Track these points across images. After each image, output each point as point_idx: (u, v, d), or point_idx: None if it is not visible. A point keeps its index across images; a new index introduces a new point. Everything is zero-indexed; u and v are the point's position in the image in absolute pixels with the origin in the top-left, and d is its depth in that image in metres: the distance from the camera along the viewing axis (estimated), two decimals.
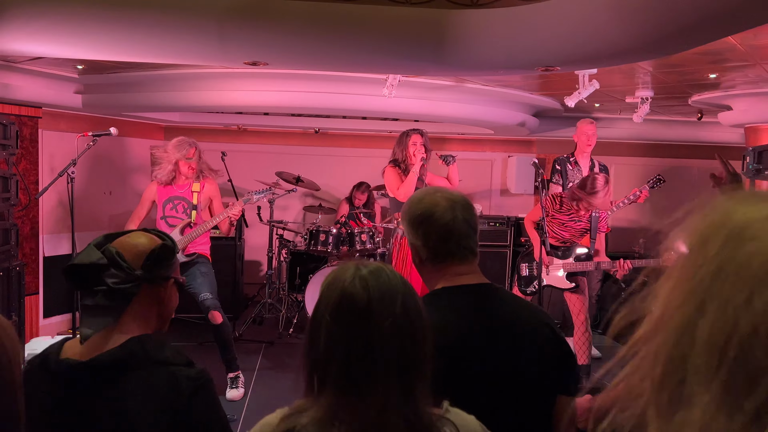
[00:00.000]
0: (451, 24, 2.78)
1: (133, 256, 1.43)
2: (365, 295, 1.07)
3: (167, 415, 1.32)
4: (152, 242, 1.48)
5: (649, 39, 2.59)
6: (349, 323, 1.06)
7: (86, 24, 2.87)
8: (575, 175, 4.87)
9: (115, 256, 1.40)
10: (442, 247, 1.51)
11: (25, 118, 5.05)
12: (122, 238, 1.47)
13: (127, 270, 1.40)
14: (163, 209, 4.22)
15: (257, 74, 4.77)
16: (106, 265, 1.39)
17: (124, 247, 1.43)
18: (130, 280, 1.41)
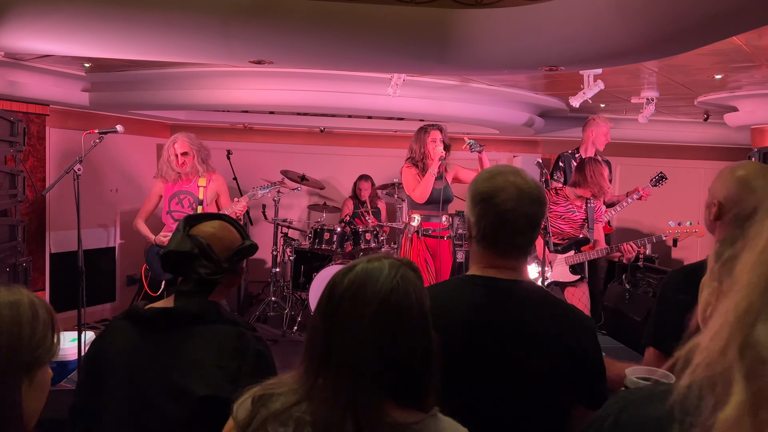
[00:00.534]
0: (455, 23, 2.79)
1: (223, 248, 1.60)
2: (344, 288, 1.09)
3: (233, 364, 1.46)
4: (234, 237, 1.64)
5: (653, 39, 2.59)
6: (321, 308, 1.11)
7: (93, 22, 2.90)
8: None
9: (207, 248, 1.56)
10: (491, 233, 1.42)
11: (32, 116, 5.09)
12: (207, 229, 1.61)
13: (217, 262, 1.57)
14: (169, 204, 4.26)
15: (263, 73, 4.78)
16: (197, 255, 1.55)
17: (213, 239, 1.58)
18: (220, 272, 1.58)
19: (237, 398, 1.14)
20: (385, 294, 1.06)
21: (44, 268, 5.31)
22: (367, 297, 1.06)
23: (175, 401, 1.44)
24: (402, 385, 1.06)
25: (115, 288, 6.23)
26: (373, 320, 1.05)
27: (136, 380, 1.49)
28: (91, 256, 5.72)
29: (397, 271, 1.09)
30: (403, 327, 1.07)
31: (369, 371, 1.04)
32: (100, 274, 6.01)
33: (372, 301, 1.06)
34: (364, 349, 1.04)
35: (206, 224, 1.64)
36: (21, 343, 1.09)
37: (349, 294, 1.07)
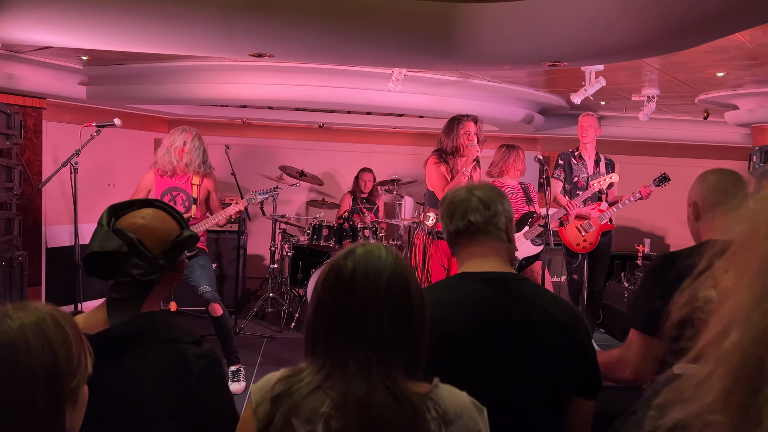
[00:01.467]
0: (458, 17, 2.76)
1: (156, 243, 1.37)
2: (352, 267, 1.13)
3: (175, 392, 1.30)
4: (170, 227, 1.42)
5: (658, 34, 2.57)
6: (333, 292, 1.13)
7: (92, 13, 2.86)
8: (580, 170, 4.82)
9: (138, 244, 1.34)
10: (450, 223, 1.56)
11: (29, 109, 5.04)
12: (136, 221, 1.39)
13: (151, 260, 1.35)
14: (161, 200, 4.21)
15: (261, 67, 4.75)
16: (127, 253, 1.33)
17: (143, 232, 1.36)
18: (155, 270, 1.36)
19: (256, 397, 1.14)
20: (391, 267, 1.14)
21: (40, 262, 5.27)
22: (378, 272, 1.13)
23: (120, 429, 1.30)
24: (410, 356, 1.13)
25: None
26: (388, 293, 1.12)
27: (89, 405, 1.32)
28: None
29: (386, 248, 1.18)
30: (411, 297, 1.15)
31: (392, 344, 1.10)
32: None
33: (382, 275, 1.12)
34: (385, 323, 1.10)
35: (135, 214, 1.40)
36: (59, 369, 0.98)
37: (359, 273, 1.13)
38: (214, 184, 4.28)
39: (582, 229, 4.74)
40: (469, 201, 1.54)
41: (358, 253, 1.16)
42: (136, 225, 1.37)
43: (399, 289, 1.13)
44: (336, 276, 1.15)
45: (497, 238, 1.53)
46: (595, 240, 4.72)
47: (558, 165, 4.82)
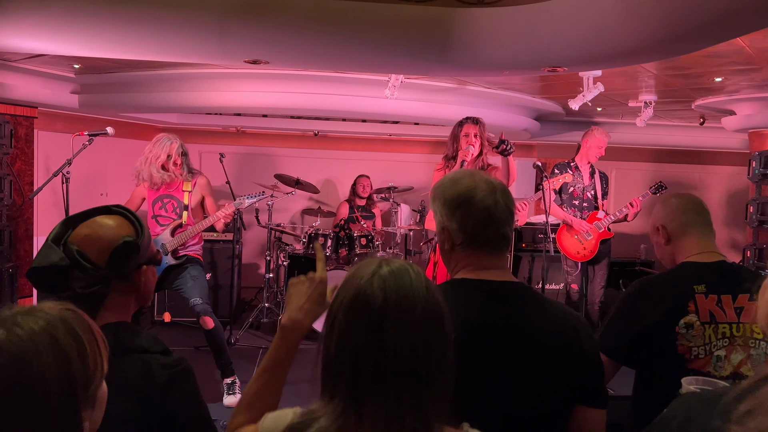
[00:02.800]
0: (456, 23, 2.72)
1: (98, 252, 1.29)
2: (381, 295, 0.98)
3: (139, 405, 1.22)
4: (116, 232, 1.33)
5: (658, 39, 2.54)
6: (362, 327, 0.98)
7: (84, 20, 2.81)
8: (576, 180, 4.82)
9: (77, 256, 1.27)
10: (480, 233, 1.40)
11: (20, 118, 4.97)
12: (82, 230, 1.32)
13: (91, 271, 1.27)
14: (153, 208, 4.13)
15: (256, 75, 4.71)
16: (68, 266, 1.26)
17: (86, 242, 1.30)
18: (98, 282, 1.28)
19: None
20: (425, 293, 1.01)
21: None
22: (413, 300, 0.99)
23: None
24: (444, 396, 1.00)
25: None
26: (425, 326, 0.98)
27: None
28: None
29: (413, 268, 1.04)
30: (446, 326, 1.02)
31: (428, 385, 0.97)
32: None
33: (417, 304, 0.99)
34: (422, 361, 0.97)
35: (86, 224, 1.35)
36: (74, 379, 0.91)
37: (391, 303, 0.98)
38: (208, 187, 4.20)
39: (581, 238, 4.73)
40: (500, 208, 1.40)
41: (383, 275, 1.01)
42: (80, 235, 1.31)
43: (434, 317, 1.00)
44: (364, 307, 0.99)
45: (507, 252, 1.46)
46: (594, 248, 4.70)
47: (554, 174, 4.80)
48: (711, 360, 1.74)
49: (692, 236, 1.90)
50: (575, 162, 4.87)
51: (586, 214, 4.77)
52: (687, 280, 1.82)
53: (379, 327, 0.97)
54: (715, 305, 1.77)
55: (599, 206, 4.80)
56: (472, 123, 3.87)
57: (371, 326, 0.98)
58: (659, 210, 1.99)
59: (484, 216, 1.40)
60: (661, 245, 1.97)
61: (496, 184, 1.43)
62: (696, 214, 1.92)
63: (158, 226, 4.13)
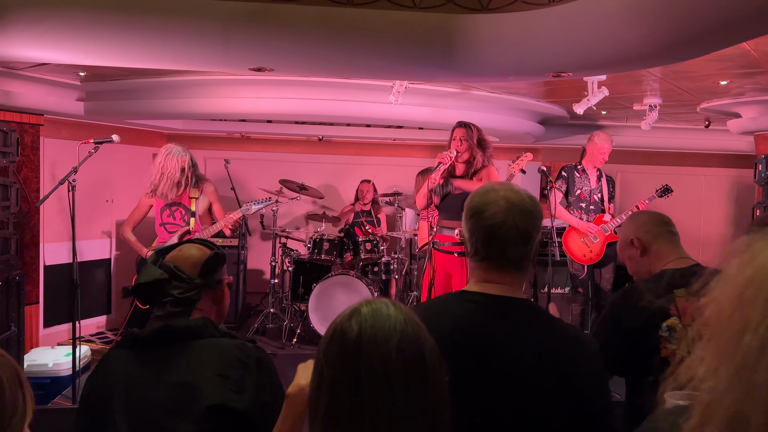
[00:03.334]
0: (460, 29, 2.72)
1: (190, 266, 1.61)
2: (357, 330, 1.01)
3: (236, 374, 1.45)
4: (203, 252, 1.65)
5: (663, 44, 2.53)
6: (336, 361, 1.01)
7: (89, 29, 2.82)
8: (583, 183, 4.83)
9: (174, 269, 1.58)
10: (482, 248, 1.41)
11: (26, 126, 5.00)
12: (174, 253, 1.64)
13: (187, 280, 1.58)
14: (161, 215, 4.18)
15: (260, 81, 4.72)
16: (167, 279, 1.57)
17: (180, 260, 1.61)
18: (192, 288, 1.58)
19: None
20: (401, 326, 1.02)
21: (38, 280, 5.20)
22: (387, 334, 1.00)
23: (181, 416, 1.42)
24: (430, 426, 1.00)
25: (111, 300, 6.12)
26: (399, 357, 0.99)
27: (139, 404, 1.46)
28: (86, 268, 5.62)
29: (395, 305, 1.06)
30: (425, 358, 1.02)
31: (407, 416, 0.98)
32: (95, 286, 5.91)
33: (392, 337, 1.00)
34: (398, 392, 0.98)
35: (175, 250, 1.66)
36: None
37: (366, 336, 1.00)
38: (215, 194, 4.25)
39: (587, 241, 4.73)
40: (507, 228, 1.37)
41: (363, 312, 1.03)
42: (173, 256, 1.63)
43: (411, 351, 1.01)
44: (339, 341, 1.01)
45: (522, 270, 1.41)
46: (600, 251, 4.69)
47: (561, 176, 4.81)
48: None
49: (666, 245, 2.01)
50: (582, 165, 4.87)
51: (593, 216, 4.78)
52: (667, 285, 1.86)
53: (353, 359, 0.99)
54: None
55: (605, 209, 4.80)
56: (460, 126, 3.97)
57: (346, 359, 1.00)
58: (630, 225, 2.11)
59: (487, 233, 1.39)
60: (635, 258, 2.06)
61: (517, 203, 1.39)
62: (665, 224, 2.05)
63: (167, 234, 4.16)
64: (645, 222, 2.06)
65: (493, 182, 1.51)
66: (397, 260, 5.75)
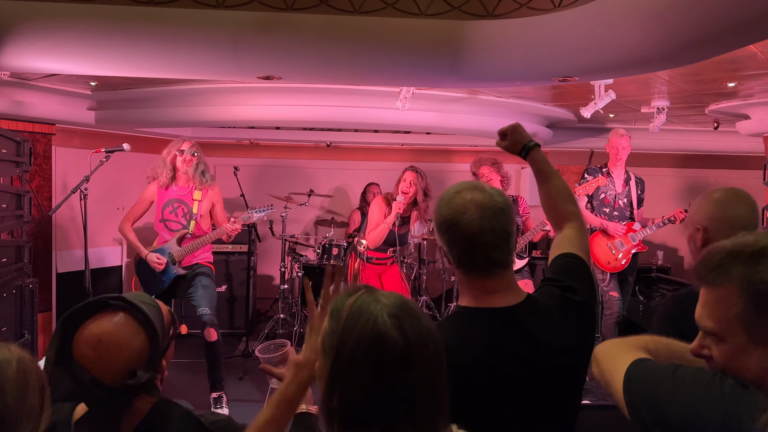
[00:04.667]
0: (466, 35, 2.74)
1: (115, 376, 1.17)
2: (403, 338, 0.99)
3: None
4: (130, 351, 1.20)
5: (670, 48, 2.54)
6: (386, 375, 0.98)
7: (99, 40, 2.86)
8: (608, 187, 4.71)
9: (91, 386, 1.16)
10: (465, 258, 1.38)
11: (38, 135, 5.06)
12: (88, 351, 1.18)
13: (110, 397, 1.17)
14: (162, 212, 4.12)
15: (269, 89, 4.75)
16: (82, 392, 1.18)
17: (98, 368, 1.17)
18: (120, 403, 1.20)
19: None
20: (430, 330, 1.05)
21: (51, 288, 5.25)
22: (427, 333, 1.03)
23: None
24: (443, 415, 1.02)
25: None
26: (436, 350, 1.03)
27: None
28: (98, 275, 5.67)
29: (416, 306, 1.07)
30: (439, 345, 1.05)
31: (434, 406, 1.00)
32: (107, 293, 5.94)
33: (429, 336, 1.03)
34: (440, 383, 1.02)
35: (88, 336, 1.19)
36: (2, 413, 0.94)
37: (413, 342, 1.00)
38: (218, 196, 4.21)
39: (613, 247, 4.61)
40: (485, 233, 1.35)
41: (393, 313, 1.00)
42: (89, 359, 1.17)
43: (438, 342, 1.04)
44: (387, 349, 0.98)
45: (509, 267, 1.42)
46: (627, 259, 4.58)
47: (584, 179, 4.66)
48: None
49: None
50: (607, 167, 4.76)
51: (620, 223, 4.66)
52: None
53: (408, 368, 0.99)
54: None
55: (634, 216, 4.68)
56: (413, 171, 4.47)
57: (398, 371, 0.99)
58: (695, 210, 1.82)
59: (467, 244, 1.36)
60: (696, 248, 1.81)
61: (489, 205, 1.37)
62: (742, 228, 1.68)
63: (167, 231, 4.11)
64: (723, 218, 1.74)
65: (458, 184, 1.45)
66: (406, 265, 5.76)
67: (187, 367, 4.74)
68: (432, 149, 7.23)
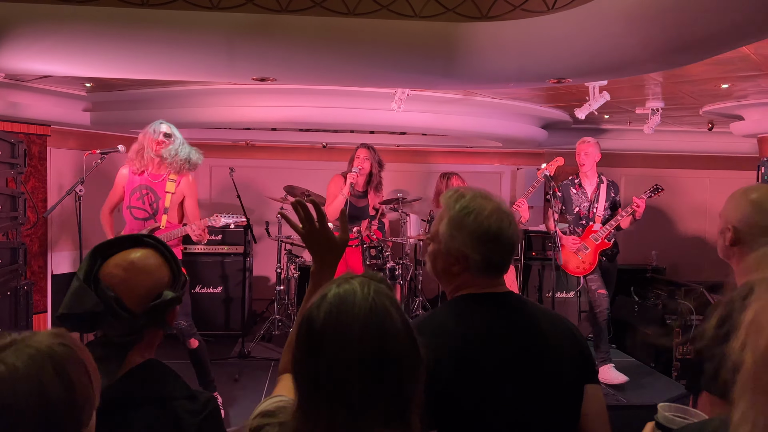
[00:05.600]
0: (460, 37, 2.75)
1: (136, 300, 1.25)
2: (321, 319, 1.03)
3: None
4: (155, 278, 1.28)
5: (664, 49, 2.55)
6: (301, 353, 1.05)
7: (94, 42, 2.87)
8: (580, 199, 4.79)
9: (114, 303, 1.22)
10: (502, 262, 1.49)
11: (33, 137, 5.06)
12: (117, 271, 1.26)
13: (128, 321, 1.24)
14: (130, 198, 3.95)
15: (265, 90, 4.76)
16: (102, 312, 1.22)
17: (123, 289, 1.24)
18: (134, 331, 1.25)
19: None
20: (364, 315, 1.03)
21: (46, 289, 5.25)
22: (348, 321, 1.02)
23: None
24: (397, 409, 1.03)
25: None
26: (361, 343, 1.01)
27: None
28: None
29: (369, 288, 1.06)
30: (390, 344, 1.03)
31: (371, 405, 1.00)
32: None
33: (353, 325, 1.02)
34: (358, 386, 1.00)
35: (119, 261, 1.27)
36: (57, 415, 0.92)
37: (329, 326, 1.02)
38: (190, 188, 3.99)
39: (579, 252, 4.72)
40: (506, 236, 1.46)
41: (329, 299, 1.05)
42: (116, 278, 1.25)
43: (376, 332, 1.02)
44: (307, 328, 1.04)
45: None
46: (593, 260, 4.66)
47: (556, 196, 4.73)
48: None
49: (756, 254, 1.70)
50: (579, 178, 4.85)
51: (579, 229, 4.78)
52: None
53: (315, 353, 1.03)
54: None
55: (594, 219, 4.75)
56: (365, 148, 4.86)
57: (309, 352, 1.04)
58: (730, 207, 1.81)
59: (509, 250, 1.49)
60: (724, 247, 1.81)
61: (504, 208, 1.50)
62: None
63: (133, 219, 3.94)
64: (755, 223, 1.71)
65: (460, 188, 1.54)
66: (402, 266, 5.77)
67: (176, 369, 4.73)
68: (428, 150, 7.24)
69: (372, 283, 1.07)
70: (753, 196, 1.75)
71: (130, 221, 3.98)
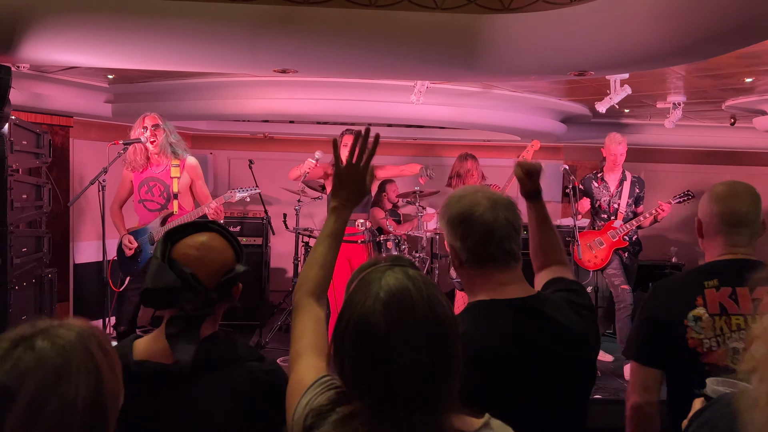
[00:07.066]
0: (482, 29, 2.75)
1: (210, 275, 1.38)
2: (384, 324, 1.01)
3: (248, 409, 1.36)
4: (223, 256, 1.42)
5: (687, 42, 2.53)
6: (365, 361, 1.02)
7: (118, 33, 2.90)
8: (601, 193, 4.72)
9: (190, 278, 1.35)
10: (482, 250, 1.42)
11: (56, 128, 5.13)
12: (191, 251, 1.39)
13: (203, 294, 1.37)
14: (139, 192, 4.03)
15: (284, 82, 4.78)
16: (180, 288, 1.35)
17: (198, 265, 1.37)
18: (209, 303, 1.38)
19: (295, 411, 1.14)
20: (424, 312, 1.02)
21: (68, 278, 5.33)
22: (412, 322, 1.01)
23: None
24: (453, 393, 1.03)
25: None
26: (427, 341, 1.01)
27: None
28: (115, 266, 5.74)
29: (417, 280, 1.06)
30: (450, 333, 1.04)
31: (435, 395, 1.00)
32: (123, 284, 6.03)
33: (417, 324, 1.01)
34: (428, 375, 1.00)
35: (190, 243, 1.40)
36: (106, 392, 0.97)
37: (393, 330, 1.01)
38: (196, 170, 4.05)
39: (592, 246, 4.66)
40: (500, 223, 1.41)
41: (382, 298, 1.02)
42: (191, 258, 1.39)
43: (439, 337, 1.02)
44: (368, 339, 1.01)
45: (520, 259, 1.47)
46: (606, 257, 4.60)
47: (576, 190, 4.68)
48: (727, 352, 1.72)
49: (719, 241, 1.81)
50: (603, 172, 4.76)
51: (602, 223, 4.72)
52: (697, 276, 1.81)
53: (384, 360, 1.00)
54: (728, 297, 1.73)
55: (617, 215, 4.70)
56: (348, 133, 4.50)
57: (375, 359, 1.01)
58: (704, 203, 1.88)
59: (483, 233, 1.41)
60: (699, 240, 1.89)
61: (499, 199, 1.45)
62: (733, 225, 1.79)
63: (147, 212, 4.01)
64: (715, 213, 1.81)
65: (463, 188, 1.55)
66: (418, 259, 5.78)
67: None
68: (445, 144, 7.23)
69: (416, 273, 1.07)
70: (717, 189, 1.86)
71: (144, 215, 4.05)
